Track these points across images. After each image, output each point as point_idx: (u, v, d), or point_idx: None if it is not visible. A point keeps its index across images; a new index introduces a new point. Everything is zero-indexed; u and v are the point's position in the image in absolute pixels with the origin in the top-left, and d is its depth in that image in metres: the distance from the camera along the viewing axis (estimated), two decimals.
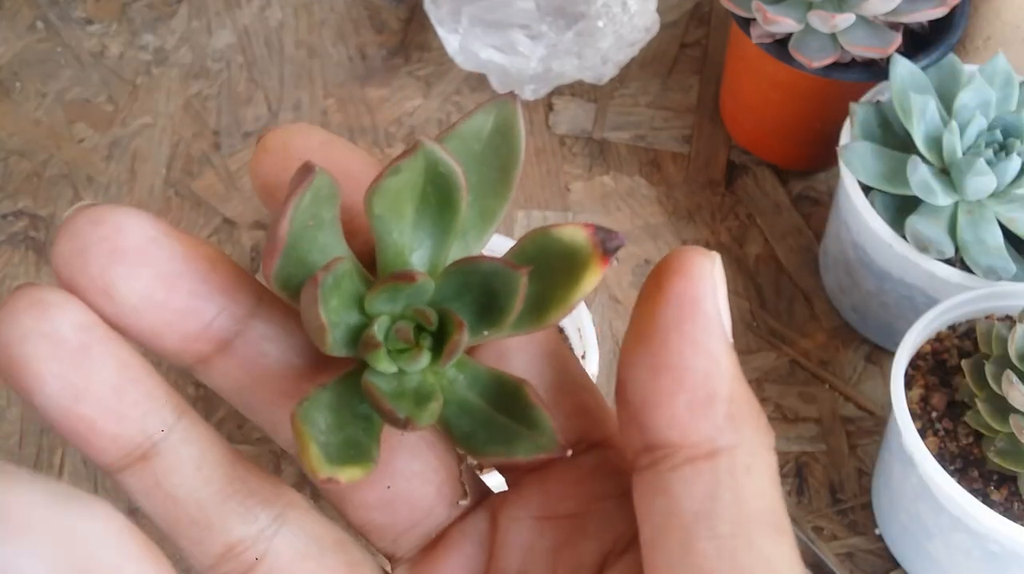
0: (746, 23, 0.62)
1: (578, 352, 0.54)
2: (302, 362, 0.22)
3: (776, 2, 0.60)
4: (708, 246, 0.65)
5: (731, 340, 0.20)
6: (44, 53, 0.76)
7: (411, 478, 0.23)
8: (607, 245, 0.21)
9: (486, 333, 0.22)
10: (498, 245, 0.57)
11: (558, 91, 0.73)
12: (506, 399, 0.22)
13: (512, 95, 0.22)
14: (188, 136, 0.71)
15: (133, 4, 0.79)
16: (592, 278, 0.21)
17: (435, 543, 0.24)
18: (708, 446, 0.20)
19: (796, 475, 0.57)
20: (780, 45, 0.61)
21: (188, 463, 0.21)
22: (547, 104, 0.72)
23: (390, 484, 0.23)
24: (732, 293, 0.63)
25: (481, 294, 0.22)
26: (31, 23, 0.78)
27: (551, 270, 0.21)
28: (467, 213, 0.22)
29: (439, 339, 0.22)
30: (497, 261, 0.21)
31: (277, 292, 0.20)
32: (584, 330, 0.53)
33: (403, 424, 0.20)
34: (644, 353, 0.20)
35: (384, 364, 0.21)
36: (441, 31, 0.70)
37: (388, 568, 0.24)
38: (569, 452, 0.21)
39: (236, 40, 0.77)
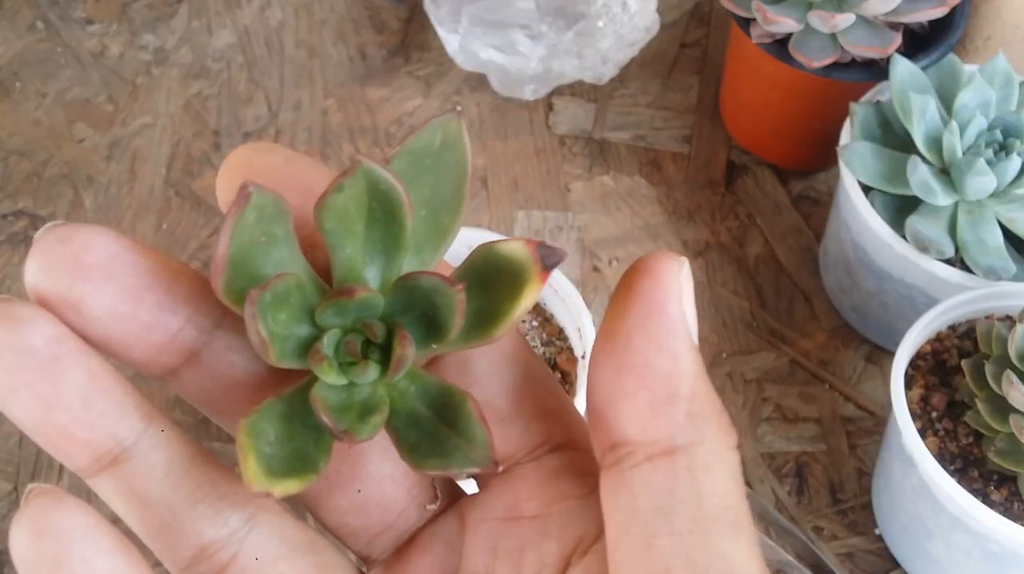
0: (746, 23, 0.62)
1: (578, 352, 0.54)
2: (268, 371, 0.23)
3: (776, 2, 0.60)
4: (708, 246, 0.65)
5: (696, 342, 0.21)
6: (44, 53, 0.76)
7: (382, 481, 0.24)
8: (547, 261, 0.21)
9: (434, 346, 0.22)
10: (486, 240, 0.57)
11: (558, 91, 0.73)
12: (451, 412, 0.22)
13: (456, 111, 0.22)
14: (188, 136, 0.71)
15: (133, 4, 0.79)
16: (532, 293, 0.21)
17: (407, 545, 0.24)
18: (668, 444, 0.20)
19: (796, 475, 0.57)
20: (780, 45, 0.61)
21: (158, 468, 0.22)
22: (547, 104, 0.72)
23: (361, 488, 0.24)
24: (732, 293, 0.63)
25: (428, 309, 0.22)
26: (31, 23, 0.78)
27: (496, 285, 0.22)
28: (420, 227, 0.23)
29: (388, 352, 0.22)
30: (436, 278, 0.22)
31: (231, 307, 0.21)
32: (584, 330, 0.53)
33: (341, 437, 0.21)
34: (611, 353, 0.21)
35: (333, 376, 0.22)
36: (441, 31, 0.70)
37: (364, 569, 0.25)
38: (500, 468, 0.22)
39: (236, 40, 0.77)
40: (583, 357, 0.53)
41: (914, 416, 0.49)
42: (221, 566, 0.22)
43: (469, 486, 0.25)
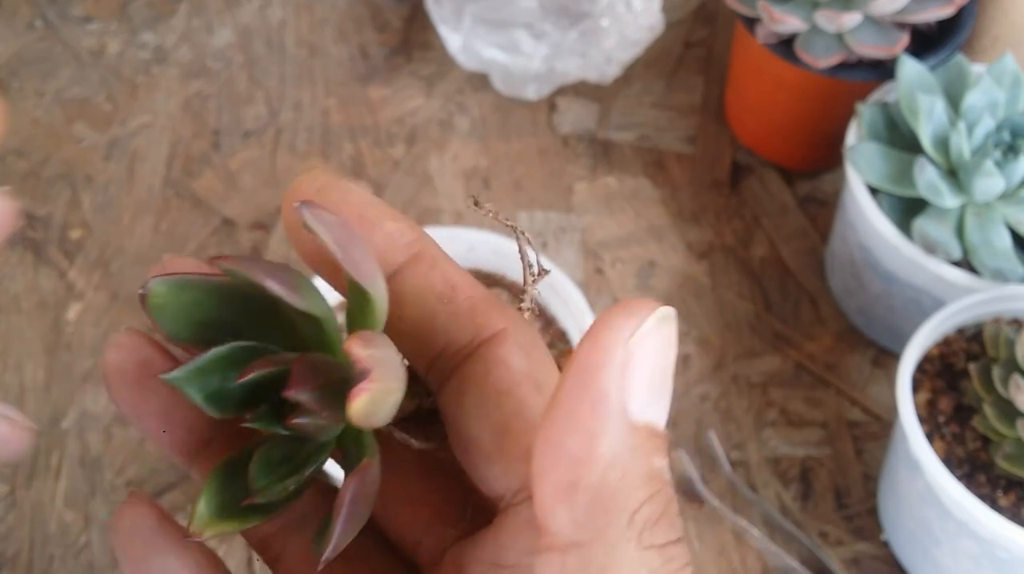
0: (751, 23, 0.62)
1: None
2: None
3: (782, 2, 0.60)
4: (712, 248, 0.64)
5: (633, 421, 0.18)
6: (43, 52, 0.76)
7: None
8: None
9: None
10: (487, 242, 0.56)
11: (561, 91, 0.72)
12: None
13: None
14: (188, 136, 0.71)
15: (132, 2, 0.79)
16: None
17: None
18: (563, 538, 0.18)
19: (801, 480, 0.56)
20: (786, 45, 0.61)
21: None
22: (550, 104, 0.72)
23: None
24: (737, 295, 0.63)
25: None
26: (30, 21, 0.78)
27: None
28: None
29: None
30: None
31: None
32: None
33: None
34: (544, 418, 0.18)
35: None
36: (443, 30, 0.69)
37: None
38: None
39: (236, 39, 0.76)
40: None
41: (921, 420, 0.48)
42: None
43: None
